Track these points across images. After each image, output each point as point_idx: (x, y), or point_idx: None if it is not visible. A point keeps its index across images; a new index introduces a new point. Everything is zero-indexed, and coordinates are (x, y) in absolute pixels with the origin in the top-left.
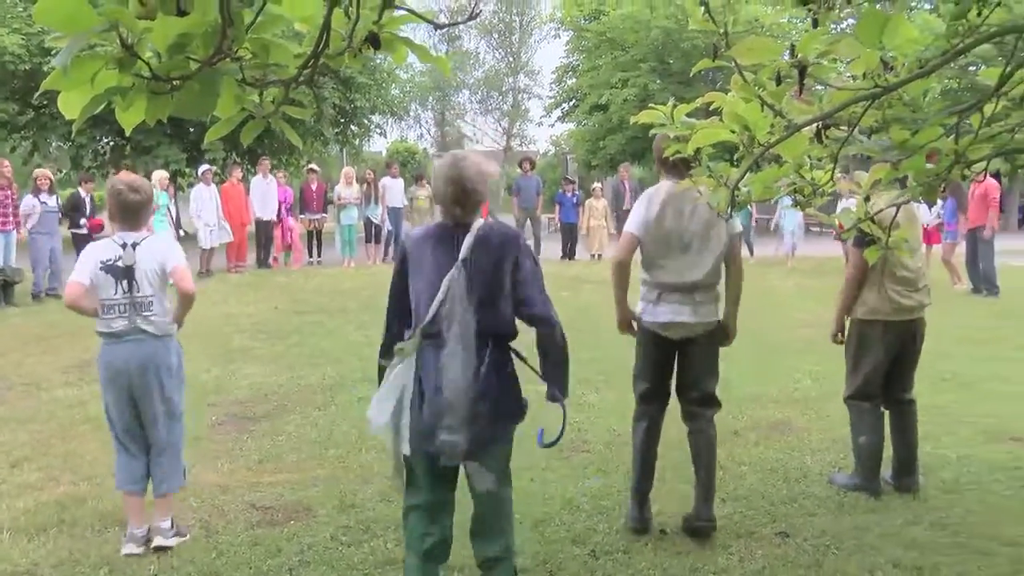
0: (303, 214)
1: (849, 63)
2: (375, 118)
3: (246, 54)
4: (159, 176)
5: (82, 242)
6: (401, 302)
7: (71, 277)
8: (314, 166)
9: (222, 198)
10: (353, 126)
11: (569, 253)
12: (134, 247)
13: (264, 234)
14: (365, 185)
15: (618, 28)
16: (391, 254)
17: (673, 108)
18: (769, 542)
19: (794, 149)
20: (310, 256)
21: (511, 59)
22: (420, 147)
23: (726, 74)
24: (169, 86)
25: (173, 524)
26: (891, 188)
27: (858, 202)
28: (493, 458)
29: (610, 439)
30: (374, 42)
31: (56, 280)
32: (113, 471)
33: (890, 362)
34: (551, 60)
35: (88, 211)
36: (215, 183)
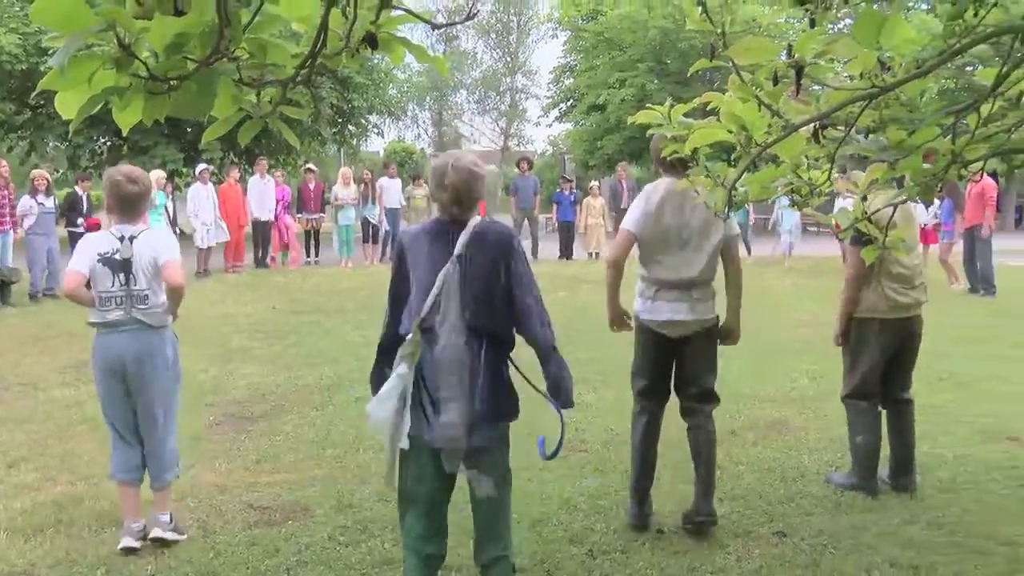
0: (300, 213)
1: (846, 63)
2: (372, 118)
3: (243, 54)
4: (156, 175)
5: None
6: (399, 298)
7: (69, 266)
8: (311, 166)
9: (220, 198)
10: (351, 126)
11: (566, 252)
12: (131, 240)
13: (261, 234)
14: (362, 185)
15: (616, 28)
16: (389, 254)
17: (670, 108)
18: (766, 541)
19: (791, 149)
20: (307, 256)
21: (509, 59)
22: (418, 147)
23: (723, 74)
24: (166, 86)
25: (172, 519)
26: (888, 188)
27: (855, 202)
28: (492, 460)
29: (608, 439)
30: (371, 42)
31: (53, 280)
32: (110, 472)
33: (887, 361)
34: (549, 60)
35: (85, 210)
36: (212, 183)
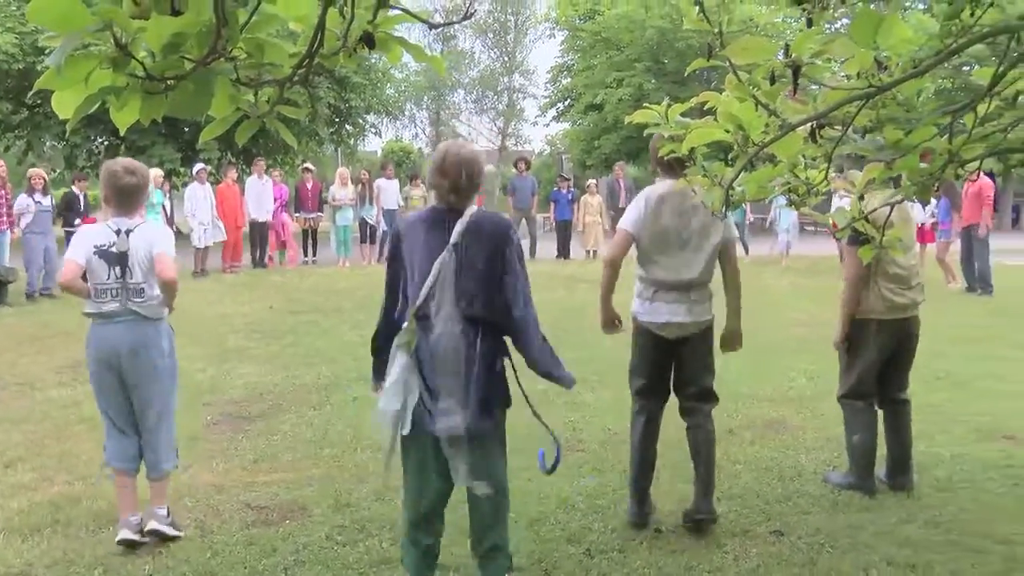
0: (298, 213)
1: (843, 63)
2: (370, 118)
3: (241, 54)
4: (154, 174)
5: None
6: (395, 285)
7: (67, 256)
8: (309, 165)
9: (217, 199)
10: (348, 126)
11: (563, 252)
12: (127, 234)
13: (259, 234)
14: (360, 186)
15: (613, 28)
16: (386, 254)
17: (668, 108)
18: (764, 540)
19: (788, 148)
20: (305, 256)
21: (506, 59)
22: (415, 147)
23: (721, 74)
24: (163, 86)
25: (169, 513)
26: (885, 187)
27: (852, 201)
28: (489, 447)
29: (605, 438)
30: (369, 42)
31: (50, 280)
32: (108, 473)
33: (884, 361)
34: (546, 60)
35: (82, 210)
36: (210, 183)
